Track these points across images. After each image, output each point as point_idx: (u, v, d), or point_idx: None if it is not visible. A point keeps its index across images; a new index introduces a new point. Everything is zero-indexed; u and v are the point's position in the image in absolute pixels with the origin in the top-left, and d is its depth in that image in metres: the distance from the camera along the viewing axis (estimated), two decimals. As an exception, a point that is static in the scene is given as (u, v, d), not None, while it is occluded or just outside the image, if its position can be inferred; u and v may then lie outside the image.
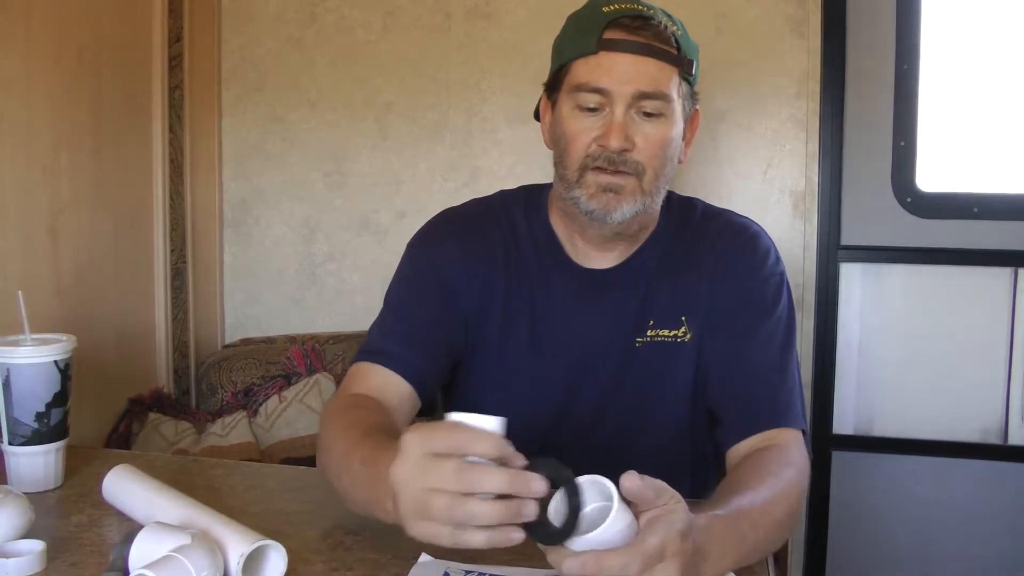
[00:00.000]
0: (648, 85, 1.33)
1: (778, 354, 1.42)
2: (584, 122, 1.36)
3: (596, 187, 1.36)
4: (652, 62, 1.34)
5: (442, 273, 1.47)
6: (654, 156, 1.36)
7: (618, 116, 1.34)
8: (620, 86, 1.33)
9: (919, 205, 2.42)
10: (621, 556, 0.90)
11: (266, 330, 2.68)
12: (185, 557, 0.97)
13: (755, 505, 1.13)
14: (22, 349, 1.34)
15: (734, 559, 1.06)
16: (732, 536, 1.06)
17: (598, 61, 1.34)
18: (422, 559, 1.13)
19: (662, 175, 1.39)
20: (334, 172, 2.64)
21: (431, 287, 1.47)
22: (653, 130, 1.35)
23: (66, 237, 2.00)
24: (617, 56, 1.34)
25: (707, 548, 1.00)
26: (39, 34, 1.90)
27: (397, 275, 1.52)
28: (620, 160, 1.34)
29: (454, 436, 0.93)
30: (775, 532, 1.15)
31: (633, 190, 1.36)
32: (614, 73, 1.33)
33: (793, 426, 1.35)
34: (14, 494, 1.16)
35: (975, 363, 2.44)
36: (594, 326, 1.47)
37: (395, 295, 1.50)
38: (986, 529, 2.45)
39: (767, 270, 1.47)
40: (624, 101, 1.33)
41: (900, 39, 2.39)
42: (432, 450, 0.93)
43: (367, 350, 1.43)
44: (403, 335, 1.43)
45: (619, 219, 1.37)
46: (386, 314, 1.49)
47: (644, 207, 1.38)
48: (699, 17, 2.39)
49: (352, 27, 2.59)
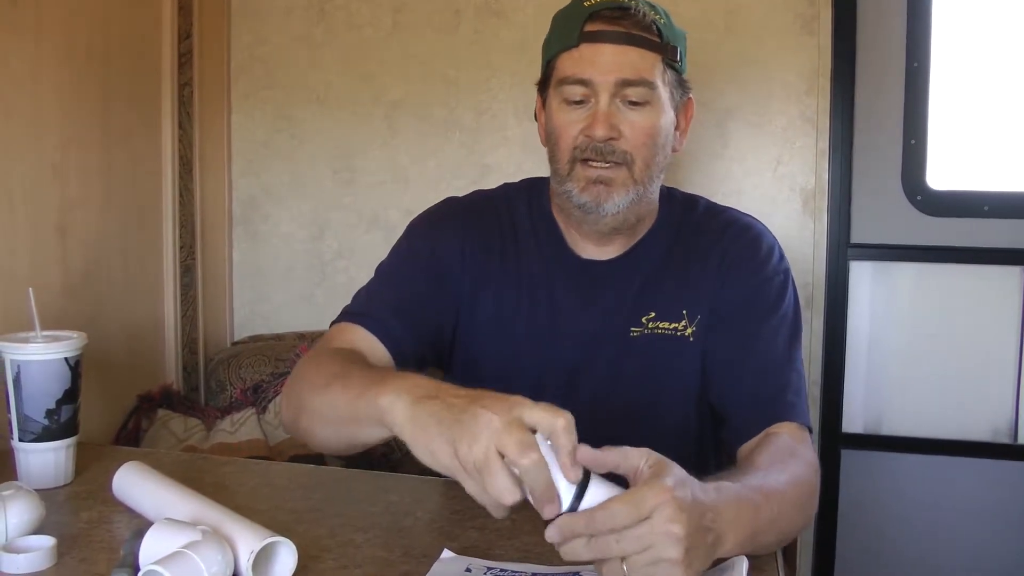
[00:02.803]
0: (630, 73, 1.35)
1: (783, 352, 1.42)
2: (571, 115, 1.39)
3: (586, 180, 1.38)
4: (633, 50, 1.36)
5: (438, 255, 1.49)
6: (642, 144, 1.37)
7: (602, 105, 1.36)
8: (602, 75, 1.35)
9: (929, 203, 2.41)
10: (608, 507, 0.92)
11: (275, 327, 2.68)
12: (196, 553, 0.97)
13: (767, 482, 1.13)
14: (32, 346, 1.35)
15: (751, 528, 1.04)
16: (746, 502, 1.05)
17: (580, 53, 1.37)
18: (444, 555, 1.13)
19: (652, 164, 1.40)
20: (343, 169, 2.64)
21: (424, 265, 1.49)
22: (639, 118, 1.37)
23: (75, 234, 2.00)
24: (598, 47, 1.36)
25: (719, 507, 1.00)
26: (48, 31, 1.90)
27: (392, 250, 1.54)
28: (608, 150, 1.36)
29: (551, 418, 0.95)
30: (791, 513, 1.14)
31: (624, 181, 1.38)
32: (596, 63, 1.36)
33: (800, 422, 1.35)
34: (25, 490, 1.16)
35: (985, 362, 2.43)
36: (591, 316, 1.48)
37: (386, 267, 1.52)
38: (995, 528, 2.44)
39: (771, 268, 1.47)
40: (607, 90, 1.36)
41: (911, 36, 2.38)
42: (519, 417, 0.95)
43: (349, 311, 1.46)
44: (386, 302, 1.45)
45: (612, 210, 1.39)
46: (373, 282, 1.51)
47: (637, 197, 1.40)
48: (709, 14, 2.39)
49: (361, 24, 2.58)
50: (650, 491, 0.93)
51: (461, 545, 1.17)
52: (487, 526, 1.24)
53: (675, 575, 0.92)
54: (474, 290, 1.49)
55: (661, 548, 0.91)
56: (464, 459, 0.94)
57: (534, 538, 1.18)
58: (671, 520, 0.92)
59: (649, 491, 0.93)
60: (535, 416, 0.95)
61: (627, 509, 0.92)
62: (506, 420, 0.94)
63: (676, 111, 1.43)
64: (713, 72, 2.41)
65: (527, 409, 0.95)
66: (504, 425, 0.93)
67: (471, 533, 1.22)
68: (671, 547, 0.91)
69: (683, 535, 0.92)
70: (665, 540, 0.91)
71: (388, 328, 1.40)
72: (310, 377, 1.29)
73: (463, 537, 1.20)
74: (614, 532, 0.92)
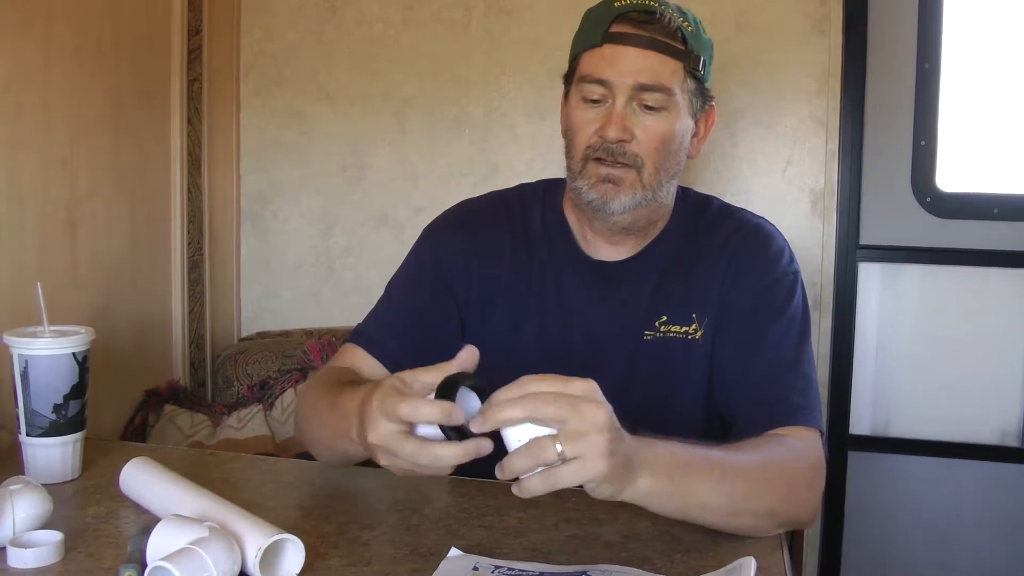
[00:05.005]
0: (649, 78, 1.36)
1: (792, 353, 1.41)
2: (588, 113, 1.40)
3: (596, 177, 1.40)
4: (654, 55, 1.37)
5: (442, 265, 1.52)
6: (653, 149, 1.38)
7: (618, 107, 1.37)
8: (621, 78, 1.36)
9: (939, 205, 2.40)
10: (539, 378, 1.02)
11: (282, 323, 2.68)
12: (203, 550, 0.97)
13: (720, 454, 1.18)
14: (40, 341, 1.34)
15: (672, 476, 1.10)
16: (670, 454, 1.11)
17: (602, 53, 1.38)
18: (451, 553, 1.13)
19: (663, 169, 1.41)
20: (352, 166, 2.64)
21: (428, 278, 1.53)
22: (653, 123, 1.38)
23: (84, 229, 2.00)
24: (620, 49, 1.37)
25: (636, 443, 1.06)
26: (58, 25, 1.90)
27: (403, 261, 1.58)
28: (619, 151, 1.38)
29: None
30: (753, 490, 1.17)
31: (632, 183, 1.39)
32: (616, 65, 1.37)
33: (807, 424, 1.34)
34: (32, 485, 1.16)
35: (993, 364, 2.43)
36: (603, 317, 1.48)
37: (394, 281, 1.57)
38: (1002, 532, 2.44)
39: (780, 270, 1.47)
40: (624, 93, 1.37)
41: (922, 37, 2.38)
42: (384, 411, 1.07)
43: (355, 331, 1.53)
44: (387, 321, 1.52)
45: (618, 209, 1.40)
46: (381, 299, 1.56)
47: (645, 200, 1.41)
48: (720, 14, 2.38)
49: (371, 21, 2.58)
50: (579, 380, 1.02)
51: (469, 543, 1.17)
52: (495, 524, 1.24)
53: (600, 446, 0.98)
54: (482, 296, 1.51)
55: (590, 416, 0.99)
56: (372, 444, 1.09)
57: (542, 536, 1.18)
58: (599, 402, 1.00)
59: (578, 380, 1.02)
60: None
61: (557, 382, 1.01)
62: (380, 401, 1.07)
63: (695, 118, 1.44)
64: (723, 72, 2.39)
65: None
66: (382, 404, 1.06)
67: (479, 531, 1.22)
68: (599, 414, 0.99)
69: (608, 418, 1.00)
70: (594, 410, 0.99)
71: (384, 348, 1.48)
72: (305, 401, 1.46)
73: (471, 535, 1.20)
74: (545, 399, 0.99)
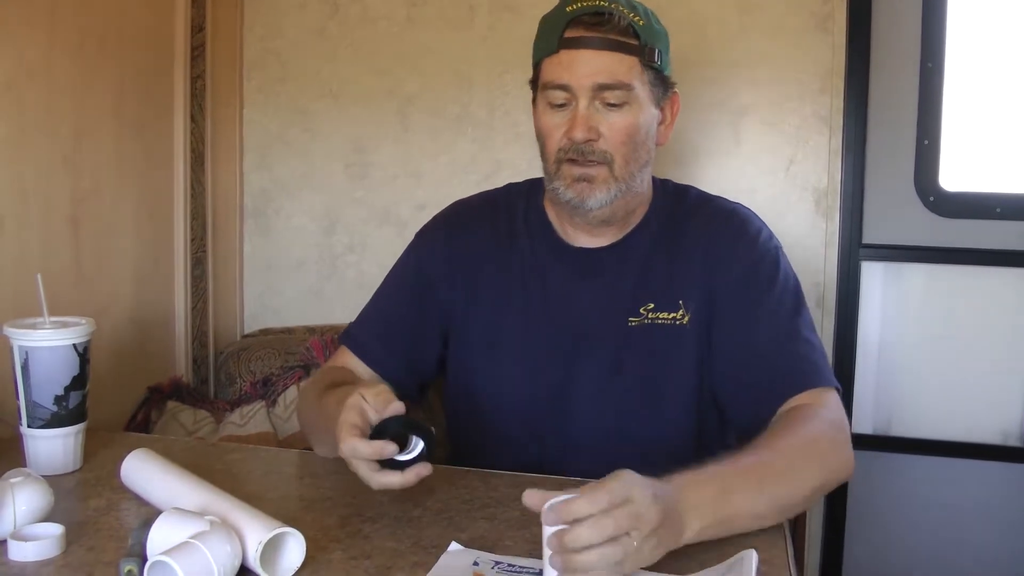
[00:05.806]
0: (606, 77, 1.42)
1: (790, 322, 1.46)
2: (555, 117, 1.46)
3: (571, 178, 1.46)
4: (609, 55, 1.42)
5: (424, 270, 1.61)
6: (620, 143, 1.44)
7: (581, 109, 1.43)
8: (580, 80, 1.42)
9: (942, 204, 2.40)
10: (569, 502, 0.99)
11: (285, 320, 2.68)
12: (204, 544, 0.98)
13: (749, 460, 1.20)
14: (40, 332, 1.35)
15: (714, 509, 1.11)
16: (710, 486, 1.12)
17: (559, 59, 1.44)
18: (452, 547, 1.13)
19: (633, 160, 1.46)
20: (355, 164, 2.63)
21: (411, 282, 1.62)
22: (618, 119, 1.44)
23: (87, 226, 2.00)
24: (576, 53, 1.43)
25: (674, 493, 1.07)
26: (61, 22, 1.90)
27: (393, 265, 1.66)
28: (588, 150, 1.44)
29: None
30: (793, 475, 1.22)
31: (605, 178, 1.45)
32: (573, 69, 1.42)
33: (820, 385, 1.39)
34: (33, 477, 1.16)
35: (996, 364, 2.42)
36: (588, 305, 1.53)
37: (382, 285, 1.67)
38: (1003, 531, 2.44)
39: (761, 246, 1.52)
40: (586, 94, 1.42)
41: (925, 36, 2.37)
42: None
43: (346, 332, 1.64)
44: (371, 325, 1.62)
45: (595, 206, 1.46)
46: (370, 302, 1.66)
47: (620, 193, 1.46)
48: (723, 12, 2.38)
49: (375, 18, 2.58)
50: (617, 482, 1.01)
51: (471, 536, 1.17)
52: (497, 516, 1.25)
53: (652, 542, 1.01)
54: (467, 294, 1.57)
55: (628, 521, 0.99)
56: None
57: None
58: (626, 500, 0.99)
59: (614, 482, 1.01)
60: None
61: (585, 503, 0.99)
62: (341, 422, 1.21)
63: (659, 106, 1.49)
64: (727, 71, 2.40)
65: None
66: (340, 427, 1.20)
67: (481, 524, 1.22)
68: (633, 509, 0.99)
69: (642, 509, 1.00)
70: (630, 510, 0.99)
71: (369, 351, 1.59)
72: (304, 400, 1.62)
73: (473, 528, 1.20)
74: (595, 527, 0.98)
